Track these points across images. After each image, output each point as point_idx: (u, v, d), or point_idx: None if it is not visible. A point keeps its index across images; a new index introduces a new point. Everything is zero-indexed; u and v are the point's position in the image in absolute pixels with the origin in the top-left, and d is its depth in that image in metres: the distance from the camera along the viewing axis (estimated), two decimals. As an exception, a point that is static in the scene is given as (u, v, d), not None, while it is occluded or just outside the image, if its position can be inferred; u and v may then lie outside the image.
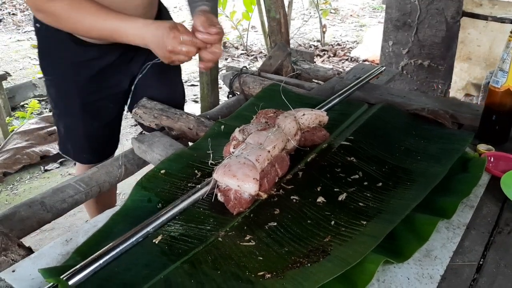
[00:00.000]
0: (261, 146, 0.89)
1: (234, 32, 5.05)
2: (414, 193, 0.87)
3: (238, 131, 0.96)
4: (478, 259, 0.75)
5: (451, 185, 0.91)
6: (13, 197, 2.36)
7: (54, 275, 0.67)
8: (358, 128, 1.12)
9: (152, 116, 1.26)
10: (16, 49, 4.73)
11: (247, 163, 0.84)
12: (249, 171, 0.83)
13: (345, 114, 1.21)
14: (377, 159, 1.01)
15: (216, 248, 0.76)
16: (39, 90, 3.45)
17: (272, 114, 1.03)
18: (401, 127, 1.15)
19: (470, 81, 3.02)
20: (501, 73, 1.04)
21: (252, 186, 0.82)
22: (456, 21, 2.46)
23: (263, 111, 1.05)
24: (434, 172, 0.93)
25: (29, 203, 0.94)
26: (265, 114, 1.03)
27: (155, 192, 0.92)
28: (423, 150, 1.04)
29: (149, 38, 1.02)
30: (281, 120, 0.99)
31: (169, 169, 0.99)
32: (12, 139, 2.67)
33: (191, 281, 0.69)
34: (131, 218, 0.82)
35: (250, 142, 0.90)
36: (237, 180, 0.81)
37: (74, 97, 1.28)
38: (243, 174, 0.82)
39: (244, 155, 0.86)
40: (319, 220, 0.82)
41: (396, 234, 0.77)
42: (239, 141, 0.93)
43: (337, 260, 0.70)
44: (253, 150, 0.87)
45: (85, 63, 1.23)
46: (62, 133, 1.39)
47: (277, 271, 0.70)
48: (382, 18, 3.80)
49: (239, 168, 0.83)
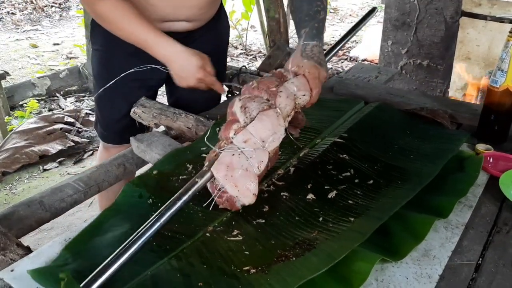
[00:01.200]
0: (263, 144, 0.84)
1: (233, 31, 5.05)
2: (405, 192, 0.87)
3: (239, 108, 0.87)
4: (477, 258, 0.75)
5: (447, 185, 0.91)
6: (12, 197, 2.35)
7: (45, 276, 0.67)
8: (353, 126, 1.12)
9: (151, 116, 1.26)
10: (15, 48, 4.72)
11: (250, 170, 0.81)
12: (251, 183, 0.81)
13: (341, 111, 1.21)
14: (370, 157, 1.01)
15: (204, 243, 0.77)
16: (38, 89, 3.45)
17: (274, 88, 0.92)
18: (396, 126, 1.15)
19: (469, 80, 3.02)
20: (500, 73, 1.04)
21: (250, 200, 0.82)
22: (455, 20, 2.46)
23: (266, 81, 0.93)
24: (426, 171, 0.93)
25: (27, 202, 0.94)
26: (268, 88, 0.92)
27: (146, 188, 0.92)
28: (417, 149, 1.04)
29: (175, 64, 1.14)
30: (283, 100, 0.90)
31: (162, 169, 0.98)
32: (11, 138, 2.67)
33: (177, 276, 0.70)
34: (122, 214, 0.82)
35: (252, 132, 0.84)
36: (238, 191, 0.80)
37: (111, 70, 1.31)
38: (245, 187, 0.80)
39: (246, 154, 0.82)
40: (308, 216, 0.83)
41: (392, 233, 0.78)
42: (240, 127, 0.86)
43: (323, 254, 0.71)
44: (257, 153, 0.83)
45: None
46: (96, 108, 1.46)
47: (262, 266, 0.71)
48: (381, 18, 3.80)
49: (242, 177, 0.80)
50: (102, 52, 1.34)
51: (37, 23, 5.63)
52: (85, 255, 0.75)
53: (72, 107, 3.32)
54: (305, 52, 0.99)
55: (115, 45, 1.27)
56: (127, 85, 1.32)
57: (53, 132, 2.76)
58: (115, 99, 1.37)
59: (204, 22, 1.32)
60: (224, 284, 0.68)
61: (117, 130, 1.42)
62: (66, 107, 3.33)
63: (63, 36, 5.16)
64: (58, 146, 2.69)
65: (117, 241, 0.78)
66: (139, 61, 1.27)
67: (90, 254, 0.75)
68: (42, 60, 4.40)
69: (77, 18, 5.65)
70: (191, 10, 1.22)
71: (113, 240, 0.78)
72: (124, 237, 0.79)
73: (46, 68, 4.15)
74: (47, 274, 0.68)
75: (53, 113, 3.07)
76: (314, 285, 0.67)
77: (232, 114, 0.88)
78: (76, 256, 0.74)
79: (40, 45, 4.84)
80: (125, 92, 1.34)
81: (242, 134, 0.83)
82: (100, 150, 1.57)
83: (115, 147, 1.44)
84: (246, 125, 0.84)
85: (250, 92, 0.91)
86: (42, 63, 4.33)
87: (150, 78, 1.35)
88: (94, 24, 1.32)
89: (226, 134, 0.85)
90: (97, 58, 1.37)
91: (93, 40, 1.37)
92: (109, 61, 1.34)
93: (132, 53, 1.25)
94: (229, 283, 0.68)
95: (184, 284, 0.68)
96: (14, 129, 2.77)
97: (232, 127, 0.85)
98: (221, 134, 0.87)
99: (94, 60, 1.38)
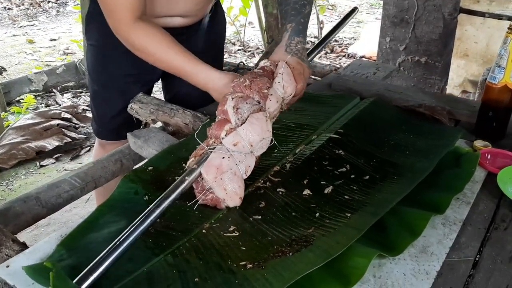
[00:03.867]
0: (252, 149, 0.86)
1: (231, 28, 5.03)
2: (401, 187, 0.87)
3: (231, 108, 0.88)
4: (475, 255, 0.75)
5: (444, 181, 0.91)
6: (8, 193, 2.35)
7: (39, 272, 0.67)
8: (349, 122, 1.12)
9: (148, 111, 1.25)
10: (11, 44, 4.70)
11: (238, 175, 0.84)
12: (238, 187, 0.83)
13: (337, 107, 1.21)
14: (365, 152, 1.02)
15: (200, 240, 0.77)
16: (35, 85, 3.43)
17: (265, 90, 0.93)
18: (391, 122, 1.15)
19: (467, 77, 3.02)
20: (498, 69, 1.03)
21: (236, 203, 0.84)
22: (454, 17, 2.46)
23: (258, 81, 0.93)
24: (421, 167, 0.94)
25: (24, 198, 0.93)
26: (260, 89, 0.92)
27: (142, 184, 0.92)
28: (412, 145, 1.04)
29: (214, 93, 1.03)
30: (272, 104, 0.92)
31: (157, 165, 0.98)
32: (8, 134, 2.65)
33: (173, 272, 0.70)
34: (118, 210, 0.82)
35: (242, 135, 0.85)
36: (226, 194, 0.82)
37: (107, 65, 1.30)
38: (233, 191, 0.83)
39: (236, 158, 0.84)
40: (304, 212, 0.83)
41: (388, 228, 0.78)
42: (231, 128, 0.87)
43: (319, 250, 0.71)
44: (246, 159, 0.85)
45: None
46: (91, 104, 1.43)
47: (259, 261, 0.71)
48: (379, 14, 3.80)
49: (231, 181, 0.82)
50: (98, 47, 1.33)
51: (34, 18, 5.61)
52: (80, 251, 0.74)
53: (69, 103, 3.30)
54: (289, 47, 1.01)
55: (111, 41, 1.25)
56: (122, 81, 1.31)
57: (50, 128, 2.75)
58: (111, 95, 1.36)
59: (200, 17, 1.31)
60: (220, 279, 0.68)
61: (113, 126, 1.41)
62: (63, 103, 3.32)
63: (60, 32, 5.14)
64: (55, 142, 2.68)
65: (113, 237, 0.77)
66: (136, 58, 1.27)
67: (86, 250, 0.75)
68: (39, 55, 4.38)
69: (74, 13, 5.62)
70: (186, 6, 1.21)
71: (108, 236, 0.78)
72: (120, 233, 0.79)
73: (43, 64, 4.14)
74: (41, 271, 0.68)
75: (50, 109, 3.06)
76: (311, 281, 0.67)
77: (224, 112, 0.89)
78: (71, 252, 0.74)
79: (37, 40, 4.82)
80: (121, 88, 1.33)
81: (232, 136, 0.85)
82: (96, 147, 1.56)
83: (111, 143, 1.43)
84: (237, 127, 0.86)
85: (242, 90, 0.91)
86: (39, 58, 4.31)
87: (146, 73, 1.34)
88: (89, 19, 1.30)
89: (217, 133, 0.86)
90: (92, 53, 1.35)
91: (88, 35, 1.35)
92: (105, 57, 1.33)
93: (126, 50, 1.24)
94: (226, 278, 0.68)
95: (180, 280, 0.68)
96: (10, 125, 2.76)
97: (224, 127, 0.86)
98: (210, 132, 0.88)
99: (89, 56, 1.37)
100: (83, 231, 0.79)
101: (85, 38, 1.38)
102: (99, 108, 1.42)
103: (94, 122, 1.46)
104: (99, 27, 1.21)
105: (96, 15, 1.27)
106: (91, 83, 1.40)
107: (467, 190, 0.90)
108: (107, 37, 1.22)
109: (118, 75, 1.31)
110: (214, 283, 0.67)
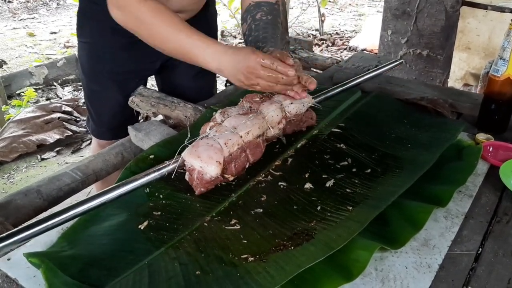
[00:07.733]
0: (235, 130, 0.89)
1: (232, 21, 5.01)
2: (402, 180, 0.87)
3: (219, 113, 0.97)
4: (477, 248, 0.75)
5: (446, 174, 0.91)
6: (9, 186, 2.35)
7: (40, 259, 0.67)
8: (350, 115, 1.12)
9: (149, 105, 1.25)
10: (12, 37, 4.68)
11: (215, 146, 0.85)
12: (214, 153, 0.84)
13: (338, 101, 1.20)
14: (367, 146, 1.01)
15: (201, 233, 0.77)
16: (36, 78, 3.42)
17: (258, 99, 1.00)
18: (393, 115, 1.15)
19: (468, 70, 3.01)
20: (501, 62, 1.03)
21: (214, 169, 0.84)
22: (456, 10, 2.44)
23: (250, 95, 1.02)
24: (423, 160, 0.93)
25: (25, 191, 0.93)
26: (251, 99, 1.01)
27: None
28: (414, 138, 1.04)
29: (226, 62, 0.97)
30: (265, 107, 0.97)
31: (158, 154, 0.98)
32: (8, 127, 2.65)
33: (174, 264, 0.70)
34: (118, 202, 0.81)
35: (226, 125, 0.91)
36: (201, 161, 0.83)
37: (104, 63, 1.27)
38: (207, 156, 0.84)
39: (215, 137, 0.87)
40: (305, 205, 0.83)
41: (390, 221, 0.78)
42: (216, 123, 0.94)
43: (321, 244, 0.71)
44: (225, 133, 0.88)
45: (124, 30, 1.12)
46: (87, 104, 1.39)
47: (261, 255, 0.71)
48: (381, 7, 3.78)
49: (205, 150, 0.84)
50: (92, 44, 1.28)
51: (34, 11, 5.59)
52: (81, 243, 0.75)
53: (69, 96, 3.30)
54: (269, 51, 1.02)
55: (105, 38, 1.23)
56: (121, 77, 1.30)
57: (51, 121, 2.75)
58: (110, 93, 1.33)
59: (195, 12, 1.30)
60: (221, 272, 0.68)
61: (111, 124, 1.38)
62: (63, 96, 3.31)
63: (61, 25, 5.12)
64: (55, 135, 2.67)
65: (114, 229, 0.78)
66: (131, 54, 1.25)
67: (87, 243, 0.75)
68: (39, 49, 4.37)
69: (75, 6, 5.59)
70: (183, 1, 1.18)
71: (110, 229, 0.78)
72: (121, 225, 0.79)
73: (44, 57, 4.12)
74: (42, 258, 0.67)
75: (51, 102, 3.05)
76: (313, 274, 0.67)
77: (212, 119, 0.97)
78: (72, 244, 0.74)
79: (37, 33, 4.81)
80: (120, 85, 1.31)
81: (216, 127, 0.90)
82: (93, 147, 1.54)
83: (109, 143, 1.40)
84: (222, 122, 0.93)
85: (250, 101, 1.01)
86: (39, 52, 4.30)
87: (145, 68, 1.33)
88: (81, 16, 1.27)
89: (204, 129, 0.95)
90: (86, 51, 1.30)
91: (80, 32, 1.30)
92: (100, 55, 1.28)
93: (124, 46, 1.23)
94: (227, 271, 0.68)
95: (182, 272, 0.68)
96: (11, 118, 2.76)
97: (209, 124, 0.95)
98: (200, 131, 0.95)
99: (82, 54, 1.31)
100: (84, 223, 0.79)
101: (77, 36, 1.30)
102: (97, 107, 1.38)
103: (92, 122, 1.42)
104: (92, 24, 1.18)
105: (88, 11, 1.25)
106: (87, 82, 1.35)
107: (469, 183, 0.89)
108: (102, 34, 1.21)
109: (116, 72, 1.28)
110: (215, 276, 0.67)
